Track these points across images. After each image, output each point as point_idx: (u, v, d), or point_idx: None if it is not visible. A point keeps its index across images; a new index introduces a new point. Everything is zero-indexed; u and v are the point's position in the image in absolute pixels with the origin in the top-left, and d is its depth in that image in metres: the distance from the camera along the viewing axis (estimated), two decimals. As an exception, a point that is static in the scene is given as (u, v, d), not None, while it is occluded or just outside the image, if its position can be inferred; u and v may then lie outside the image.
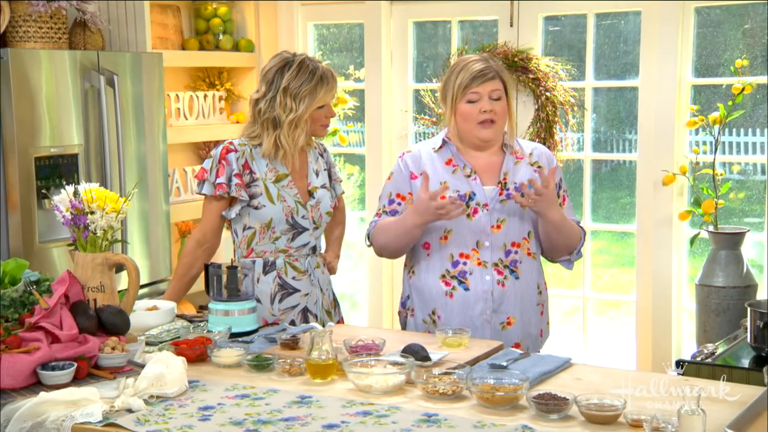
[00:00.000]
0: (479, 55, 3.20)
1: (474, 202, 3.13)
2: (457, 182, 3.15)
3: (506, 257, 3.13)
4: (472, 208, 3.12)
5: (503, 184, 3.15)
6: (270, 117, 3.23)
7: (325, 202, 3.35)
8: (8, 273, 2.69)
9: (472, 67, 3.11)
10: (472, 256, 3.12)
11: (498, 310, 3.12)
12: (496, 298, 3.11)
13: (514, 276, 3.13)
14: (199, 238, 3.31)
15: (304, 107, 3.21)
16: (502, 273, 3.12)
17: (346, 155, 5.51)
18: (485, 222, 3.12)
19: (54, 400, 2.24)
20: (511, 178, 3.16)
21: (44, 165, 3.99)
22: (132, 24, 4.61)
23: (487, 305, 3.11)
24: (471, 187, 3.14)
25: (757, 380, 2.72)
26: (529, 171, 3.18)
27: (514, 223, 3.14)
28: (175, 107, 4.98)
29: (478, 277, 3.12)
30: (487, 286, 3.11)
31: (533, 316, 3.19)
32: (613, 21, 4.76)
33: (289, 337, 2.77)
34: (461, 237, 3.13)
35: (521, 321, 3.14)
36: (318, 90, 3.22)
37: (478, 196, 3.13)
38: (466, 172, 3.16)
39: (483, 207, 3.13)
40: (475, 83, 3.10)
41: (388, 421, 2.20)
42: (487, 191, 3.14)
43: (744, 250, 4.22)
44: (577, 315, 4.95)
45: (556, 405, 2.21)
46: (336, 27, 5.52)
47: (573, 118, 4.70)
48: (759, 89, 4.34)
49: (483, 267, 3.12)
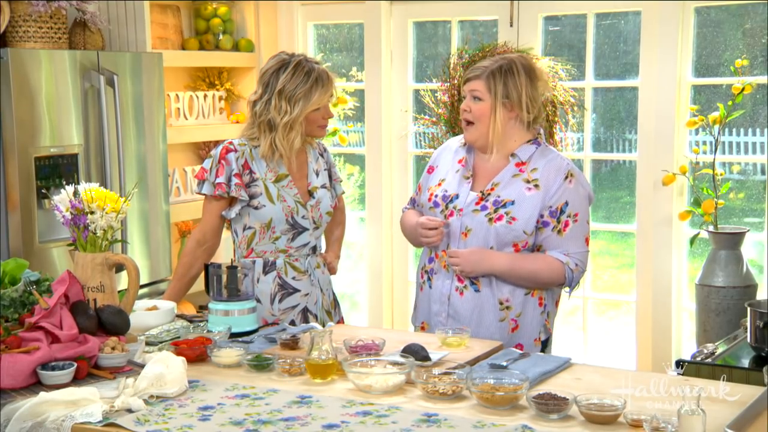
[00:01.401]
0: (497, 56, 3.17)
1: (452, 205, 3.10)
2: (452, 182, 3.14)
3: None
4: (450, 210, 3.10)
5: (485, 194, 3.06)
6: (266, 119, 3.23)
7: (325, 202, 3.35)
8: (8, 273, 2.69)
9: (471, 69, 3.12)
10: (441, 257, 3.11)
11: (454, 316, 3.08)
12: (453, 303, 3.09)
13: (474, 288, 3.07)
14: (198, 238, 3.31)
15: (299, 110, 3.21)
16: (463, 282, 3.08)
17: (346, 155, 5.51)
18: (456, 227, 3.08)
19: (54, 400, 2.24)
20: (497, 190, 3.06)
21: (44, 165, 3.99)
22: (132, 24, 4.60)
23: (443, 308, 3.10)
24: (458, 189, 3.11)
25: (757, 380, 2.72)
26: (520, 188, 3.04)
27: (478, 236, 3.04)
28: (175, 107, 4.98)
29: (440, 279, 3.12)
30: (446, 290, 3.10)
31: (494, 332, 3.05)
32: (613, 21, 4.76)
33: (289, 337, 2.77)
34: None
35: (476, 334, 2.98)
36: (313, 92, 3.21)
37: (459, 200, 3.09)
38: (465, 174, 3.13)
39: (458, 211, 3.08)
40: (466, 84, 3.10)
41: (388, 421, 2.20)
42: (470, 197, 3.08)
43: (744, 250, 4.22)
44: (577, 315, 4.95)
45: (556, 405, 2.21)
46: (336, 27, 5.52)
47: (573, 118, 4.70)
48: (759, 89, 4.34)
49: (446, 270, 3.10)
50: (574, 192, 3.04)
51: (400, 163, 5.23)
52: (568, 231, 3.03)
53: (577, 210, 3.04)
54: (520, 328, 3.08)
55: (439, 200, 3.13)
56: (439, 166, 3.23)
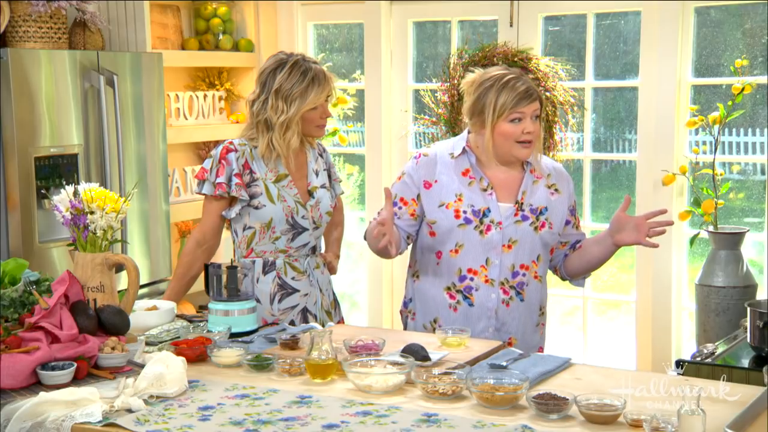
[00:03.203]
0: (513, 72, 3.07)
1: (488, 219, 3.07)
2: (473, 196, 3.08)
3: (513, 278, 3.08)
4: (486, 225, 3.06)
5: (520, 204, 3.09)
6: (263, 119, 3.24)
7: (324, 202, 3.35)
8: (8, 273, 2.68)
9: (518, 87, 3.00)
10: (480, 272, 3.08)
11: (501, 329, 3.10)
12: (500, 316, 3.09)
13: (519, 298, 3.10)
14: (198, 238, 3.31)
15: (295, 109, 3.20)
16: (508, 293, 3.09)
17: (345, 155, 5.51)
18: (497, 240, 3.06)
19: (54, 400, 2.24)
20: (527, 199, 3.09)
21: (44, 165, 3.99)
22: (132, 24, 4.61)
23: (490, 323, 3.09)
24: (487, 203, 3.07)
25: (757, 380, 2.72)
26: (546, 193, 3.12)
27: (525, 246, 3.08)
28: (175, 107, 4.98)
29: (484, 294, 3.08)
30: (492, 304, 3.08)
31: (533, 336, 3.17)
32: (613, 21, 4.76)
33: (288, 337, 2.77)
34: (472, 252, 3.07)
35: (522, 341, 3.11)
36: (309, 91, 3.21)
37: (493, 213, 3.07)
38: (482, 186, 3.09)
39: (497, 225, 3.06)
40: (521, 104, 3.00)
41: (387, 421, 2.20)
42: (503, 209, 3.08)
43: (744, 250, 4.22)
44: (577, 315, 4.95)
45: (556, 405, 2.20)
46: (336, 27, 5.52)
47: (573, 118, 4.70)
48: (759, 89, 4.34)
49: (490, 285, 3.08)
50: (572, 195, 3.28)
51: (400, 163, 5.22)
52: (580, 224, 3.31)
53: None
54: (544, 333, 3.25)
55: (470, 216, 3.06)
56: (441, 180, 3.13)
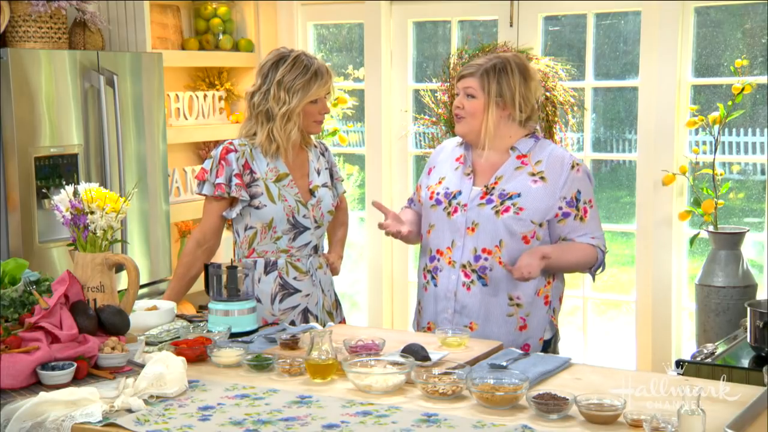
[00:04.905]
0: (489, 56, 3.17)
1: (456, 201, 3.11)
2: (453, 179, 3.16)
3: (475, 262, 3.07)
4: (453, 206, 3.11)
5: (490, 189, 3.09)
6: (263, 110, 3.25)
7: (326, 200, 3.35)
8: (8, 273, 2.69)
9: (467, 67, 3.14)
10: (445, 254, 3.12)
11: (461, 312, 3.09)
12: (459, 299, 3.09)
13: (481, 282, 3.07)
14: (198, 239, 3.31)
15: (297, 100, 3.22)
16: (469, 276, 3.08)
17: (345, 155, 5.51)
18: (461, 222, 3.09)
19: (54, 400, 2.24)
20: (501, 184, 3.08)
21: (44, 165, 3.99)
22: (132, 24, 4.61)
23: (449, 304, 3.11)
24: (460, 186, 3.13)
25: (757, 380, 2.72)
26: (526, 180, 3.07)
27: (486, 230, 3.06)
28: (175, 107, 4.98)
29: (446, 276, 3.12)
30: (452, 286, 3.10)
31: (505, 328, 3.08)
32: (612, 21, 4.76)
33: (289, 337, 2.77)
34: (440, 234, 3.14)
35: (483, 329, 3.05)
36: (312, 84, 3.23)
37: (462, 196, 3.11)
38: (465, 171, 3.16)
39: (462, 207, 3.10)
40: (460, 81, 3.12)
41: (387, 421, 2.20)
42: (473, 193, 3.10)
43: (744, 250, 4.22)
44: (577, 315, 4.95)
45: (556, 405, 2.21)
46: (336, 27, 5.52)
47: (573, 118, 4.70)
48: (759, 89, 4.34)
49: (451, 266, 3.11)
50: (583, 180, 3.11)
51: (400, 163, 5.23)
52: (588, 217, 3.11)
53: (590, 196, 3.13)
54: (528, 329, 3.11)
55: (441, 197, 3.15)
56: (437, 165, 3.26)
